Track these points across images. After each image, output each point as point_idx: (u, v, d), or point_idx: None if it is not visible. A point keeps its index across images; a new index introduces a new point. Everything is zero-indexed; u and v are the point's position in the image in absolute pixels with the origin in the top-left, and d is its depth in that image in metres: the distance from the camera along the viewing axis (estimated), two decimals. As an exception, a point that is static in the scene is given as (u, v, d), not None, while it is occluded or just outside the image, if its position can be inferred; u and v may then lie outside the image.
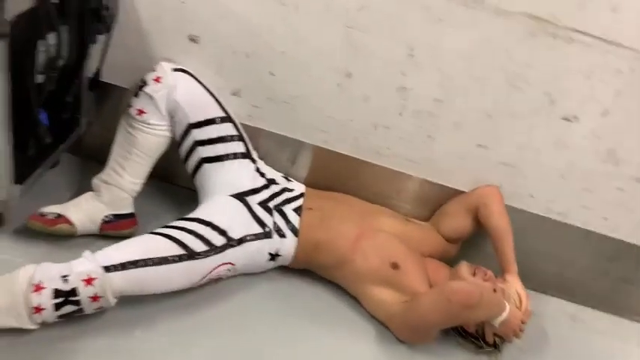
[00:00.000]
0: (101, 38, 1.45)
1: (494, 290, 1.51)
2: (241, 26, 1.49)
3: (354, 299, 1.58)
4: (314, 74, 1.53)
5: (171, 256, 1.32)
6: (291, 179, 1.67)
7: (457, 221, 1.65)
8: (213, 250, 1.39)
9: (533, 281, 1.68)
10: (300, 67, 1.53)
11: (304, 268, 1.60)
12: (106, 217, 1.50)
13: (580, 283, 1.79)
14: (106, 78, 1.56)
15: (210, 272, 1.40)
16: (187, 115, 1.48)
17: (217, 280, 1.48)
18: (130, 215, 1.54)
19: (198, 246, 1.37)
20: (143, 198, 1.57)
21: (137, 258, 1.28)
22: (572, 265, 1.76)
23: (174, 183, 1.72)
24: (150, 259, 1.29)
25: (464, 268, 1.55)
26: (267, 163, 1.66)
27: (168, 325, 1.38)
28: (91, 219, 1.48)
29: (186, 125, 1.49)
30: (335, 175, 1.69)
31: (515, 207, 1.65)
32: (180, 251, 1.34)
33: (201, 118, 1.49)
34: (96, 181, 1.51)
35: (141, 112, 1.47)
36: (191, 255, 1.35)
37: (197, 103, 1.49)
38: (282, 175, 1.67)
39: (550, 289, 1.81)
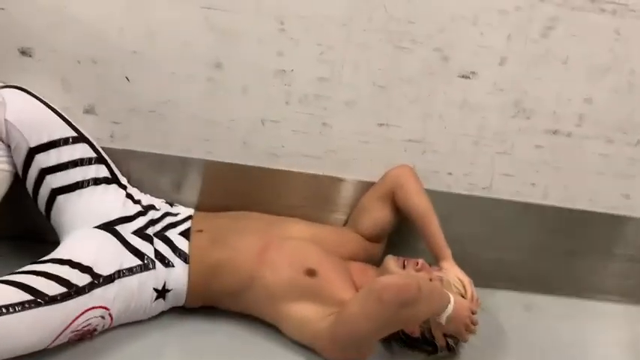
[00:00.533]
0: None
1: (431, 280, 1.28)
2: (81, 29, 1.27)
3: (271, 327, 1.29)
4: (178, 71, 1.32)
5: (13, 304, 1.00)
6: (176, 204, 1.41)
7: (374, 214, 1.43)
8: (75, 291, 1.08)
9: (473, 274, 1.44)
10: (159, 66, 1.31)
11: (204, 305, 1.30)
12: None
13: (523, 266, 1.60)
14: None
15: (75, 321, 1.08)
16: (25, 137, 1.20)
17: (91, 333, 1.15)
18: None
19: (52, 289, 1.06)
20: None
21: (-38, 311, 0.95)
22: (511, 247, 1.58)
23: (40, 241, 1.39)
24: (-21, 311, 0.96)
25: (391, 261, 1.32)
26: (144, 192, 1.39)
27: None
28: None
29: (26, 150, 1.20)
30: (230, 191, 1.44)
31: (435, 190, 1.46)
32: (25, 297, 1.02)
33: (45, 140, 1.22)
34: None
35: (-35, 141, 1.18)
36: (42, 299, 1.03)
37: (36, 122, 1.22)
38: (163, 200, 1.40)
39: (493, 281, 1.60)
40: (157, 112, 1.36)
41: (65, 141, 1.24)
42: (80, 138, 1.27)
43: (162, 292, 1.22)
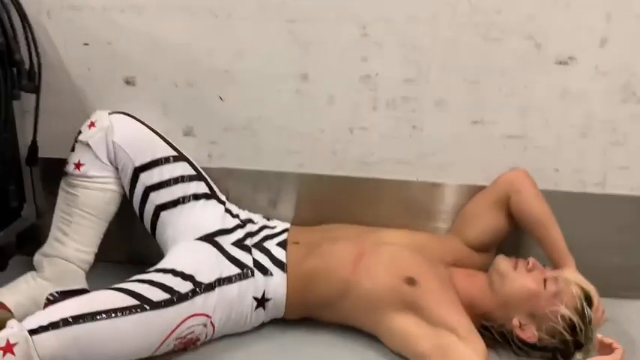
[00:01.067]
0: (28, 102, 1.31)
1: (545, 280, 1.17)
2: (177, 54, 1.35)
3: (372, 337, 1.23)
4: (266, 86, 1.35)
5: (120, 308, 1.04)
6: (273, 219, 1.42)
7: (483, 220, 1.35)
8: (178, 297, 1.11)
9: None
10: (249, 83, 1.35)
11: (304, 317, 1.28)
12: (51, 295, 1.23)
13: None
14: (45, 153, 1.39)
15: (178, 327, 1.10)
16: (130, 157, 1.28)
17: (194, 342, 1.17)
18: (82, 292, 1.26)
19: (156, 295, 1.09)
20: (106, 277, 1.31)
21: (74, 314, 1.00)
22: (635, 250, 1.42)
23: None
24: (90, 313, 1.01)
25: (502, 262, 1.23)
26: (242, 208, 1.42)
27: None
28: (33, 300, 1.22)
29: (132, 170, 1.28)
30: (323, 203, 1.43)
31: (540, 189, 1.35)
32: (132, 302, 1.06)
33: (148, 159, 1.29)
34: (37, 257, 1.28)
35: (78, 165, 1.28)
36: (147, 305, 1.06)
37: (140, 143, 1.30)
38: (260, 215, 1.42)
39: (618, 289, 1.44)
40: (249, 128, 1.39)
41: (166, 160, 1.31)
42: (180, 157, 1.33)
43: (261, 301, 1.22)
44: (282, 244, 1.29)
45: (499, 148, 1.37)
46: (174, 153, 1.33)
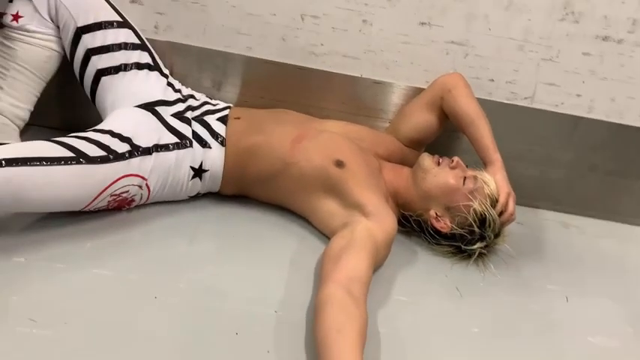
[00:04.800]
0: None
1: (465, 178, 1.26)
2: None
3: (302, 219, 1.31)
4: (221, -40, 1.33)
5: (56, 157, 1.04)
6: (216, 99, 1.43)
7: (416, 119, 1.41)
8: (114, 156, 1.12)
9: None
10: (203, -46, 1.33)
11: (238, 194, 1.33)
12: (-17, 145, 1.22)
13: (565, 185, 1.56)
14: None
15: (113, 183, 1.11)
16: (72, 16, 1.23)
17: (129, 202, 1.20)
18: (16, 146, 1.26)
19: (93, 150, 1.10)
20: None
21: (7, 157, 0.99)
22: (552, 164, 1.53)
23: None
24: (25, 158, 1.01)
25: (426, 158, 1.30)
26: (186, 86, 1.42)
27: (64, 250, 1.10)
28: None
29: (73, 30, 1.24)
30: (268, 90, 1.45)
31: (476, 97, 1.42)
32: (68, 154, 1.06)
33: (91, 21, 1.25)
34: (-32, 109, 1.25)
35: (17, 17, 1.23)
36: (83, 158, 1.07)
37: (84, 3, 1.25)
38: (203, 94, 1.42)
39: (533, 200, 1.57)
40: (199, 2, 1.37)
41: (110, 24, 1.27)
42: (125, 24, 1.29)
43: (198, 172, 1.25)
44: (223, 120, 1.30)
45: (442, 53, 1.42)
46: (119, 18, 1.29)
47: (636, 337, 1.18)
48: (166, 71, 1.37)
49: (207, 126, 1.28)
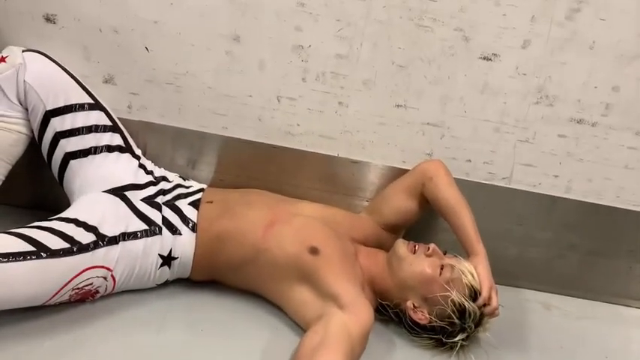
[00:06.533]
0: None
1: (442, 267, 1.22)
2: (104, -3, 1.29)
3: (275, 307, 1.26)
4: (197, 43, 1.32)
5: (14, 253, 0.99)
6: (190, 179, 1.40)
7: (397, 203, 1.38)
8: (78, 248, 1.07)
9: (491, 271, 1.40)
10: (178, 37, 1.32)
11: (210, 280, 1.28)
12: (-59, 234, 1.16)
13: (544, 264, 1.54)
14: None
15: (75, 277, 1.07)
16: (42, 99, 1.21)
17: (93, 294, 1.14)
18: (-23, 233, 1.20)
19: (55, 243, 1.05)
20: (7, 222, 1.24)
21: (-39, 255, 0.95)
22: (531, 243, 1.51)
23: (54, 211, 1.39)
24: (-19, 255, 0.96)
25: (401, 245, 1.27)
26: (160, 166, 1.39)
27: (18, 350, 1.03)
28: None
29: (42, 113, 1.22)
30: (244, 169, 1.43)
31: (454, 177, 1.41)
32: (28, 248, 1.02)
33: (61, 104, 1.23)
34: None
35: (-16, 101, 1.20)
36: (44, 252, 1.02)
37: (54, 86, 1.23)
38: (176, 175, 1.39)
39: (513, 279, 1.54)
40: (174, 84, 1.36)
41: (81, 107, 1.25)
42: (96, 106, 1.28)
43: (167, 259, 1.21)
44: (195, 204, 1.27)
45: (418, 134, 1.42)
46: (91, 100, 1.27)
47: None
48: (139, 152, 1.34)
49: (178, 211, 1.25)
